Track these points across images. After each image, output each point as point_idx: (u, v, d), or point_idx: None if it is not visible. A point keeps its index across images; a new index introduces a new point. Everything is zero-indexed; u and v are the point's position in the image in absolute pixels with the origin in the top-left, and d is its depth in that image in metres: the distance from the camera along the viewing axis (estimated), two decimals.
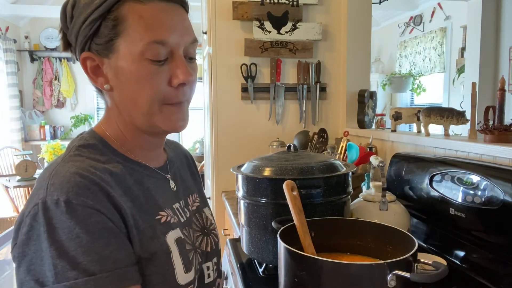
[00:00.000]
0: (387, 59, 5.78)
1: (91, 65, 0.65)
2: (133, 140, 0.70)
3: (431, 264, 0.65)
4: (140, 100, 0.63)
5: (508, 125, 1.12)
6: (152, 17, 0.61)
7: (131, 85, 0.63)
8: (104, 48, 0.63)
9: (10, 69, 5.12)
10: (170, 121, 0.66)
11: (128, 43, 0.61)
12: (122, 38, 0.61)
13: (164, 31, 0.61)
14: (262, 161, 1.03)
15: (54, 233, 0.53)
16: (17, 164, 3.73)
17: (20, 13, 5.10)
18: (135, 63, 0.61)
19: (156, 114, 0.65)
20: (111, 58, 0.63)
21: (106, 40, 0.62)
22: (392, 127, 1.68)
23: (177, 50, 0.63)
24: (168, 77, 0.63)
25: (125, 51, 0.61)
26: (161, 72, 0.62)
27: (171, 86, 0.64)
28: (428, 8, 4.84)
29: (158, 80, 0.62)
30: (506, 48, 3.69)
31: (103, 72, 0.65)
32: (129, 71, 0.62)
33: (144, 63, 0.61)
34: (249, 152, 2.02)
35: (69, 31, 0.66)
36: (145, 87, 0.62)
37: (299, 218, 0.78)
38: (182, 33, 0.63)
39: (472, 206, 1.00)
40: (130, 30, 0.60)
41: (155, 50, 0.61)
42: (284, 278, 0.71)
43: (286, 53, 2.12)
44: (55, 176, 0.57)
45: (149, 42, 0.60)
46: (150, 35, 0.60)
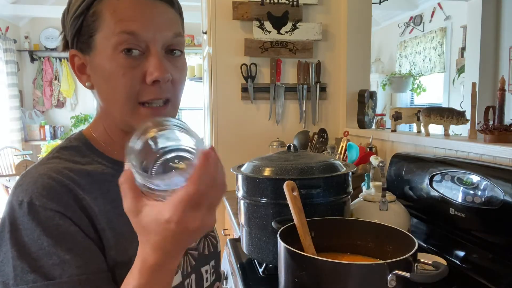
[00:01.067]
0: (387, 59, 5.78)
1: (78, 63, 0.65)
2: (118, 141, 0.67)
3: (431, 264, 0.65)
4: (115, 98, 0.62)
5: (508, 125, 1.12)
6: (124, 10, 0.59)
7: (106, 81, 0.61)
8: (86, 46, 0.62)
9: (10, 69, 5.12)
10: None
11: (103, 38, 0.60)
12: (99, 33, 0.60)
13: (136, 23, 0.59)
14: (262, 161, 1.03)
15: (16, 234, 0.53)
16: (17, 164, 3.73)
17: (20, 13, 5.10)
18: (109, 58, 0.60)
19: (131, 115, 0.62)
20: (91, 55, 0.62)
21: (87, 37, 0.62)
22: (392, 127, 1.68)
23: (153, 45, 0.60)
24: (143, 73, 0.60)
25: (101, 46, 0.60)
26: (134, 67, 0.60)
27: (145, 83, 0.60)
28: (428, 8, 4.84)
29: (130, 75, 0.59)
30: (506, 48, 3.69)
31: (86, 70, 0.64)
32: (104, 66, 0.60)
33: (117, 58, 0.59)
34: (249, 152, 2.02)
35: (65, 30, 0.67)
36: (118, 83, 0.60)
37: (299, 218, 0.78)
38: (159, 27, 0.60)
39: (472, 206, 1.00)
40: (105, 24, 0.59)
41: (127, 42, 0.58)
42: (284, 278, 0.71)
43: (286, 53, 2.12)
44: (24, 177, 0.57)
45: (119, 33, 0.58)
46: (121, 26, 0.58)
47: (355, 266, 0.64)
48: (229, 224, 1.86)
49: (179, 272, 0.68)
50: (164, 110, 0.63)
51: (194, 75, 5.42)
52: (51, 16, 5.11)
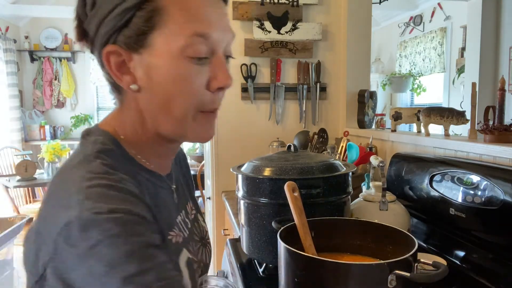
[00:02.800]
0: (387, 59, 5.78)
1: (116, 60, 0.55)
2: (151, 147, 0.61)
3: (431, 264, 0.65)
4: (174, 105, 0.55)
5: (508, 125, 1.12)
6: (195, 8, 0.53)
7: (166, 87, 0.54)
8: (135, 42, 0.54)
9: (10, 69, 5.12)
10: (201, 131, 0.59)
11: (166, 37, 0.53)
12: (159, 31, 0.53)
13: (208, 24, 0.54)
14: (262, 161, 1.03)
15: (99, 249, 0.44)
16: (17, 164, 3.73)
17: (20, 13, 5.09)
18: (173, 61, 0.53)
19: (189, 122, 0.57)
20: (142, 54, 0.54)
21: (139, 33, 0.53)
22: (392, 127, 1.68)
23: (219, 49, 0.57)
24: (208, 79, 0.56)
25: (162, 46, 0.53)
26: (201, 73, 0.55)
27: (208, 90, 0.56)
28: (428, 8, 4.84)
29: (197, 82, 0.55)
30: (506, 48, 3.69)
31: (129, 70, 0.56)
32: (165, 70, 0.54)
33: (183, 61, 0.53)
34: (249, 152, 2.02)
35: (88, 18, 0.56)
36: (182, 90, 0.54)
37: (300, 219, 0.78)
38: (224, 29, 0.57)
39: (472, 206, 1.00)
40: (170, 22, 0.53)
41: (197, 45, 0.53)
42: (284, 278, 0.71)
43: (286, 53, 2.12)
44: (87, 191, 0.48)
45: (191, 35, 0.53)
46: (193, 27, 0.53)
47: (355, 266, 0.64)
48: (229, 224, 1.86)
49: None
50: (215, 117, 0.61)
51: None
52: (51, 16, 5.11)
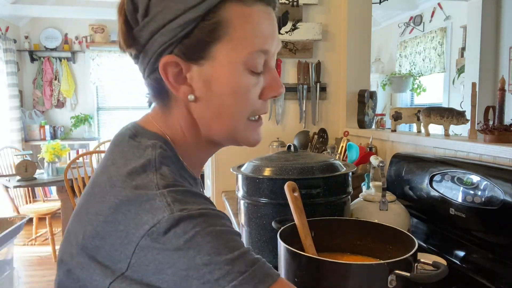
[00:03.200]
0: (387, 59, 5.78)
1: (174, 71, 0.55)
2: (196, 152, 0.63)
3: (431, 264, 0.65)
4: (230, 114, 0.57)
5: (508, 125, 1.12)
6: (257, 23, 0.54)
7: (225, 97, 0.55)
8: (195, 53, 0.54)
9: (10, 69, 5.12)
10: (251, 136, 0.61)
11: (229, 50, 0.54)
12: (222, 43, 0.53)
13: (269, 39, 0.56)
14: (262, 161, 1.03)
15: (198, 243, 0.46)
16: (17, 164, 3.72)
17: (20, 13, 5.09)
18: (235, 73, 0.54)
19: (241, 130, 0.59)
20: (203, 65, 0.54)
21: (200, 45, 0.53)
22: (392, 127, 1.68)
23: (272, 60, 0.58)
24: (261, 89, 0.58)
25: (224, 59, 0.54)
26: (257, 84, 0.57)
27: (262, 99, 0.59)
28: (428, 8, 4.84)
29: (254, 92, 0.57)
30: (506, 48, 3.69)
31: (187, 80, 0.56)
32: (226, 81, 0.54)
33: (243, 74, 0.55)
34: (249, 152, 2.02)
35: (140, 26, 0.55)
36: (241, 101, 0.56)
37: (300, 219, 0.78)
38: (278, 41, 0.58)
39: (472, 206, 1.00)
40: (234, 35, 0.53)
41: (258, 59, 0.55)
42: (284, 278, 0.71)
43: (286, 53, 2.12)
44: (171, 194, 0.49)
45: (255, 51, 0.54)
46: (257, 42, 0.54)
47: (355, 266, 0.64)
48: None
49: None
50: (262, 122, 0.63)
51: None
52: (51, 16, 5.11)
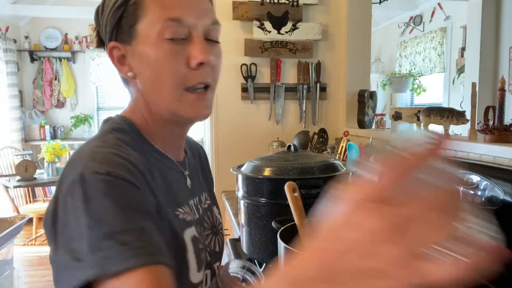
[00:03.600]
0: (387, 59, 5.78)
1: (117, 54, 0.65)
2: (157, 130, 0.68)
3: None
4: (161, 85, 0.63)
5: (508, 125, 1.12)
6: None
7: (152, 68, 0.62)
8: (127, 35, 0.63)
9: (10, 69, 5.12)
10: (193, 109, 0.65)
11: (146, 25, 0.61)
12: (141, 21, 0.62)
13: (180, 9, 0.61)
14: (262, 161, 1.03)
15: (90, 204, 0.49)
16: (17, 164, 3.73)
17: (20, 13, 5.09)
18: (154, 45, 0.61)
19: (178, 101, 0.63)
20: (133, 45, 0.63)
21: (128, 27, 0.63)
22: (392, 127, 1.68)
23: (195, 31, 0.62)
24: (187, 58, 0.62)
25: (144, 34, 0.62)
26: (179, 52, 0.61)
27: (189, 67, 0.62)
28: (428, 8, 4.84)
29: (176, 60, 0.61)
30: (506, 48, 3.69)
31: (127, 61, 0.65)
32: (149, 53, 0.62)
33: (162, 44, 0.61)
34: (249, 152, 2.02)
35: (100, 26, 0.67)
36: (164, 69, 0.61)
37: (300, 219, 0.78)
38: (199, 13, 0.63)
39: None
40: (148, 12, 0.61)
41: (172, 28, 0.60)
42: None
43: (286, 53, 2.12)
44: (95, 154, 0.55)
45: (165, 20, 0.60)
46: (166, 13, 0.60)
47: None
48: (229, 224, 1.86)
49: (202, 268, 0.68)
50: (206, 94, 0.65)
51: None
52: (51, 16, 5.11)
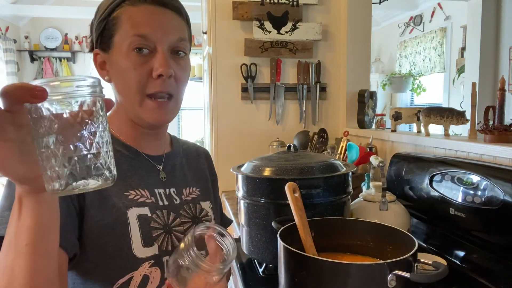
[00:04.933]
0: (387, 59, 5.78)
1: (99, 60, 0.76)
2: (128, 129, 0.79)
3: (431, 264, 0.65)
4: (126, 90, 0.73)
5: (508, 125, 1.12)
6: (139, 17, 0.71)
7: (120, 75, 0.73)
8: (106, 45, 0.74)
9: (10, 69, 5.12)
10: (152, 114, 0.74)
11: (120, 38, 0.72)
12: (117, 34, 0.72)
13: (147, 27, 0.71)
14: (262, 161, 1.03)
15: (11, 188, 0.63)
16: None
17: (20, 13, 5.10)
18: (123, 55, 0.71)
19: (139, 106, 0.73)
20: (110, 53, 0.74)
21: (108, 38, 0.73)
22: (392, 127, 1.68)
23: (160, 46, 0.71)
24: (150, 69, 0.71)
25: (118, 45, 0.72)
26: (144, 63, 0.71)
27: (151, 77, 0.71)
28: (428, 8, 4.84)
29: (140, 70, 0.71)
30: (506, 48, 3.69)
31: (106, 67, 0.76)
32: (119, 62, 0.72)
33: (130, 55, 0.71)
34: (249, 152, 2.02)
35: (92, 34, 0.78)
36: (129, 77, 0.71)
37: (300, 219, 0.78)
38: (166, 31, 0.72)
39: (472, 206, 1.00)
40: (123, 27, 0.71)
41: (139, 42, 0.70)
42: (284, 278, 0.71)
43: (286, 53, 2.12)
44: None
45: (133, 35, 0.70)
46: (135, 30, 0.71)
47: (355, 266, 0.64)
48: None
49: (155, 245, 0.75)
50: (167, 104, 0.75)
51: (194, 75, 5.43)
52: (51, 16, 5.11)
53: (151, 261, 0.74)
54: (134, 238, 0.72)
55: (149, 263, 0.73)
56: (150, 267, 0.73)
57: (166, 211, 0.79)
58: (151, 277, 0.74)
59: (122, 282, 0.71)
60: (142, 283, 0.72)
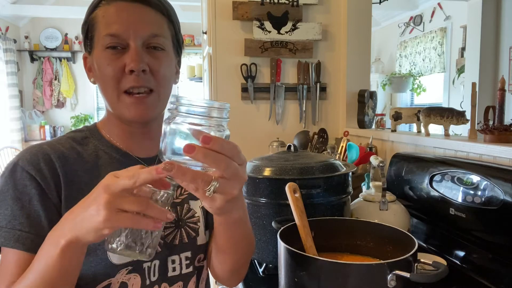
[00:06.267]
0: (387, 59, 5.78)
1: (88, 64, 0.78)
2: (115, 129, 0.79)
3: (431, 264, 0.65)
4: (104, 87, 0.74)
5: (508, 125, 1.12)
6: (110, 15, 0.72)
7: (99, 73, 0.73)
8: (89, 47, 0.75)
9: (10, 69, 5.12)
10: (130, 110, 0.73)
11: (97, 38, 0.73)
12: (95, 35, 0.73)
13: (117, 25, 0.71)
14: (262, 161, 1.03)
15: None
16: None
17: (20, 13, 5.09)
18: (100, 54, 0.72)
19: (117, 102, 0.73)
20: (91, 54, 0.75)
21: (90, 40, 0.75)
22: (392, 127, 1.68)
23: (132, 42, 0.71)
24: (123, 65, 0.71)
25: (96, 45, 0.73)
26: (117, 59, 0.71)
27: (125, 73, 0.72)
28: (428, 8, 4.84)
29: (114, 66, 0.71)
30: (506, 48, 3.69)
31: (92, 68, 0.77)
32: (97, 61, 0.73)
33: (105, 54, 0.72)
34: (249, 152, 2.02)
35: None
36: (105, 73, 0.72)
37: (301, 220, 0.78)
38: (136, 27, 0.71)
39: (472, 206, 1.00)
40: (98, 27, 0.73)
41: (110, 41, 0.71)
42: (284, 278, 0.71)
43: (286, 53, 2.12)
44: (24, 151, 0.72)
45: (105, 35, 0.71)
46: (107, 29, 0.71)
47: (355, 266, 0.64)
48: None
49: None
50: (146, 98, 0.73)
51: (194, 75, 5.42)
52: (51, 16, 5.11)
53: (129, 267, 0.72)
54: None
55: (126, 269, 0.72)
56: (128, 273, 0.72)
57: None
58: (129, 284, 0.72)
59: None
60: None
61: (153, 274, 0.75)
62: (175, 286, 0.78)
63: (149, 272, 0.75)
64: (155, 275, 0.76)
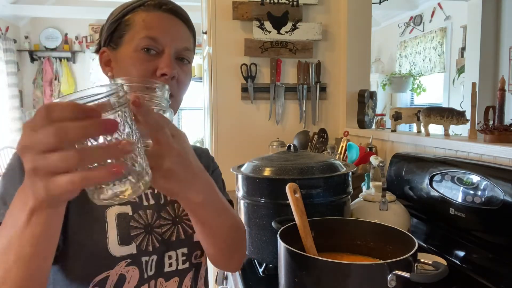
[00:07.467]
0: (387, 59, 5.78)
1: (105, 58, 0.80)
2: None
3: (431, 264, 0.65)
4: None
5: (508, 125, 1.12)
6: (151, 21, 0.76)
7: (125, 70, 0.75)
8: (115, 44, 0.78)
9: (10, 69, 5.12)
10: None
11: (130, 37, 0.76)
12: (128, 34, 0.76)
13: (158, 30, 0.75)
14: (262, 161, 1.03)
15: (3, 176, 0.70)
16: None
17: (20, 13, 5.10)
18: (131, 53, 0.75)
19: None
20: (117, 51, 0.78)
21: (118, 37, 0.78)
22: (392, 127, 1.68)
23: (167, 49, 0.75)
24: (155, 68, 0.74)
25: (127, 44, 0.76)
26: (149, 62, 0.74)
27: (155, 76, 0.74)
28: (428, 8, 4.84)
29: (145, 67, 0.74)
30: (506, 48, 3.70)
31: (111, 64, 0.80)
32: (126, 59, 0.76)
33: (138, 54, 0.75)
34: (249, 152, 2.02)
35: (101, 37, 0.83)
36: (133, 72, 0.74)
37: (301, 220, 0.78)
38: (174, 37, 0.77)
39: (472, 206, 1.00)
40: (134, 29, 0.76)
41: (147, 43, 0.74)
42: (284, 278, 0.71)
43: (286, 53, 2.12)
44: None
45: (143, 37, 0.75)
46: (146, 31, 0.75)
47: (355, 266, 0.64)
48: None
49: (133, 244, 0.75)
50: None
51: (194, 75, 5.41)
52: (51, 16, 5.11)
53: (128, 260, 0.74)
54: (111, 237, 0.73)
55: (125, 262, 0.74)
56: (127, 266, 0.74)
57: (150, 211, 0.79)
58: (128, 276, 0.74)
59: (98, 280, 0.71)
60: (119, 282, 0.73)
61: (150, 269, 0.77)
62: (171, 281, 0.79)
63: (146, 266, 0.76)
64: (152, 269, 0.77)
